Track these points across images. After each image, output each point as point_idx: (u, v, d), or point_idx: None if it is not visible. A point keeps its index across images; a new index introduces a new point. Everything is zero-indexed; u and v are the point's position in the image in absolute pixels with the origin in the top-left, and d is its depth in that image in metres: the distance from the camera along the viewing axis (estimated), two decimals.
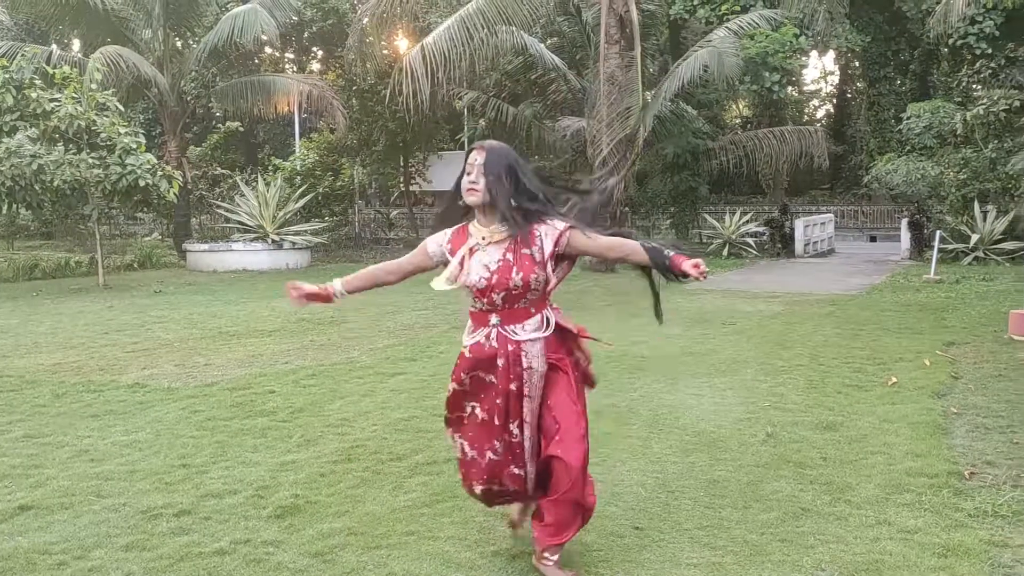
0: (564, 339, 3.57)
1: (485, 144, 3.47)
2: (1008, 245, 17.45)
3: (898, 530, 3.92)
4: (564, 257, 3.52)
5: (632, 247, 3.49)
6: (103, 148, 14.89)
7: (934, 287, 13.79)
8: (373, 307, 11.54)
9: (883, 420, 5.80)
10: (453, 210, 3.55)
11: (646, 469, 4.83)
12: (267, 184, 20.48)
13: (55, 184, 14.01)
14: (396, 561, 3.67)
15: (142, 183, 14.75)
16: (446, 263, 3.51)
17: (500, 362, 3.43)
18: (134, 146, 14.98)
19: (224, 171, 25.27)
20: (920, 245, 19.11)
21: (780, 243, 21.03)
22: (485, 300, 3.44)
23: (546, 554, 3.49)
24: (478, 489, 3.60)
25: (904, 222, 20.34)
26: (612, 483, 4.59)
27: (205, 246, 19.68)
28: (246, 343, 9.31)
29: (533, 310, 3.46)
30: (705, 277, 3.32)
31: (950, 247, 17.60)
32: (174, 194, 15.63)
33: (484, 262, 3.40)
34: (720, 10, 23.33)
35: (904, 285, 14.23)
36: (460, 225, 3.55)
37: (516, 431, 3.47)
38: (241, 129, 26.08)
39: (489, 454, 3.50)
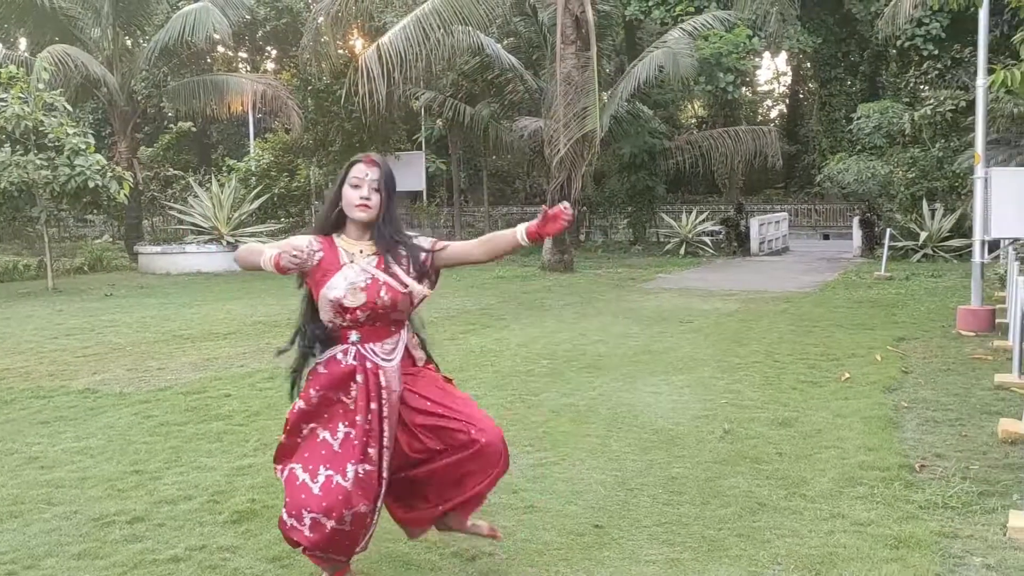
0: (414, 363, 3.41)
1: (376, 159, 3.33)
2: (955, 242, 17.86)
3: (851, 523, 3.99)
4: (425, 276, 3.37)
5: (494, 239, 3.35)
6: (51, 149, 14.60)
7: (885, 284, 14.07)
8: None
9: (836, 415, 5.89)
10: (329, 220, 3.36)
11: (605, 467, 4.86)
12: (221, 185, 20.21)
13: (1, 186, 13.71)
14: (355, 564, 3.63)
15: (92, 184, 14.48)
16: (308, 269, 3.26)
17: (359, 378, 3.25)
18: (83, 147, 14.70)
19: (177, 172, 24.87)
20: (871, 243, 19.48)
21: (736, 242, 21.29)
22: (348, 316, 3.24)
23: (470, 521, 3.49)
24: (307, 520, 3.16)
25: (856, 220, 20.72)
26: (571, 481, 4.61)
27: (158, 248, 19.37)
28: (201, 346, 9.18)
29: (393, 329, 3.32)
30: (566, 219, 3.15)
31: (900, 245, 17.96)
32: (125, 195, 15.37)
33: (351, 279, 3.24)
34: (675, 11, 23.58)
35: (856, 282, 14.49)
36: (326, 236, 3.36)
37: (375, 455, 3.23)
38: (194, 129, 25.69)
39: (328, 479, 3.18)
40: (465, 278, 16.00)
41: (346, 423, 3.26)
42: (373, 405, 3.24)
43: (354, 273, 3.24)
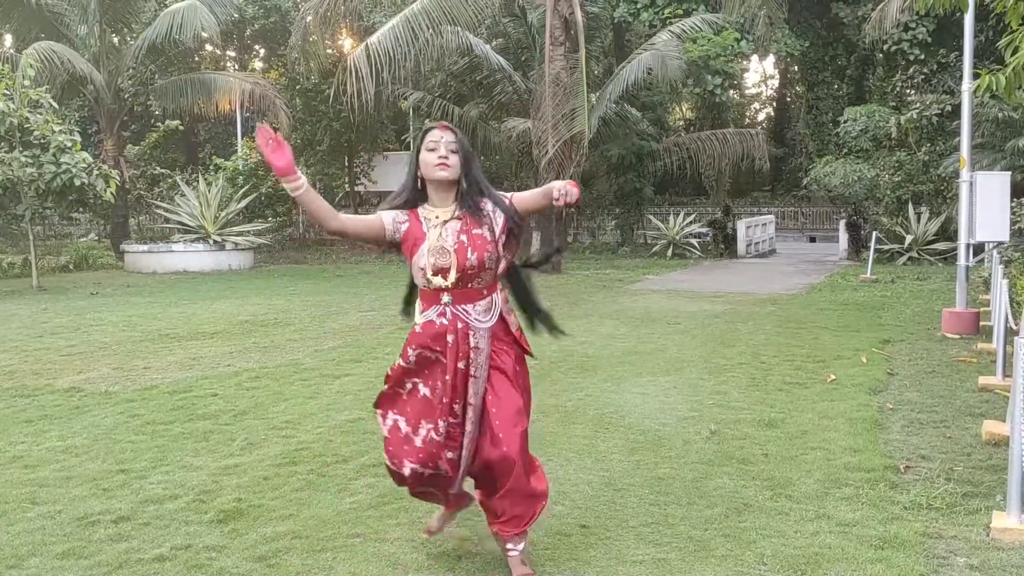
0: (508, 330, 3.55)
1: (449, 125, 3.50)
2: (940, 245, 17.98)
3: (837, 523, 4.01)
4: (511, 235, 3.51)
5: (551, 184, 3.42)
6: (37, 146, 14.50)
7: (871, 286, 14.15)
8: (318, 308, 11.42)
9: (822, 416, 5.92)
10: (412, 191, 3.50)
11: (592, 468, 4.87)
12: (208, 184, 20.12)
13: None
14: (342, 564, 3.64)
15: (77, 182, 14.40)
16: (397, 242, 3.46)
17: (450, 339, 3.40)
18: (69, 144, 14.61)
19: (164, 171, 24.74)
20: (857, 245, 19.59)
21: (723, 244, 21.36)
22: (438, 280, 3.40)
23: (509, 545, 3.49)
24: (407, 469, 3.47)
25: (842, 223, 20.83)
26: (559, 482, 4.61)
27: (144, 247, 19.27)
28: (187, 346, 9.14)
29: (486, 292, 3.47)
30: (558, 202, 3.22)
31: (886, 247, 18.07)
32: (111, 194, 15.28)
33: (439, 242, 3.39)
34: (663, 14, 23.61)
35: (842, 285, 14.56)
36: (410, 209, 3.50)
37: (459, 411, 3.43)
38: (181, 128, 25.52)
39: (428, 432, 3.43)
40: None
41: (447, 377, 3.43)
42: (461, 364, 3.41)
43: (442, 236, 3.39)
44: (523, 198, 3.51)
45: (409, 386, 3.51)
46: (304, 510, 4.25)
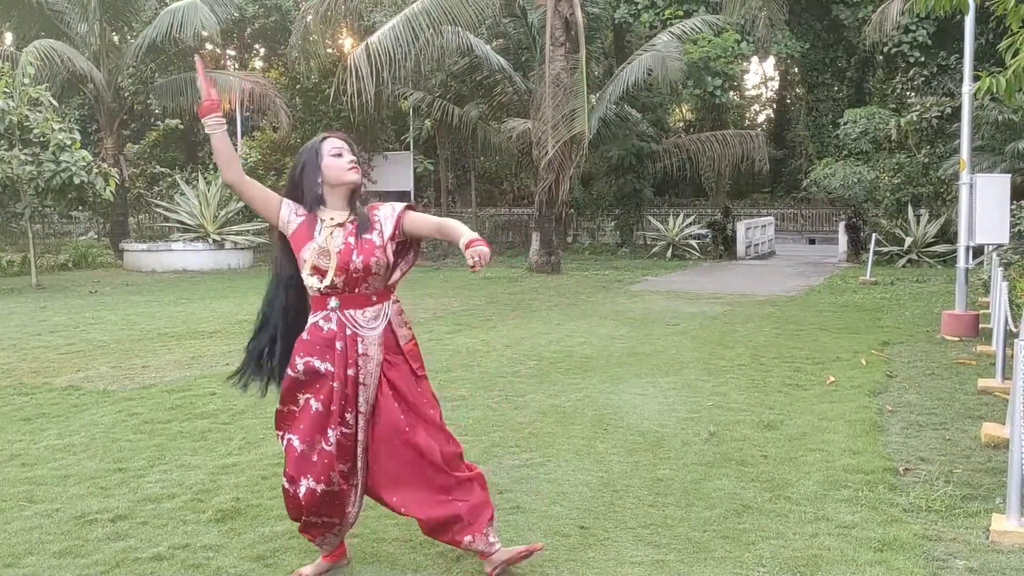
0: (397, 343, 3.47)
1: (340, 133, 3.56)
2: (940, 248, 17.98)
3: (836, 525, 4.01)
4: (404, 245, 3.51)
5: (455, 226, 3.46)
6: (36, 144, 14.49)
7: (870, 288, 14.15)
8: None
9: (821, 418, 5.92)
10: (316, 195, 3.45)
11: (591, 469, 4.86)
12: (208, 183, 20.11)
13: None
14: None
15: (77, 181, 14.39)
16: (285, 233, 3.45)
17: (339, 345, 3.35)
18: (69, 143, 14.60)
19: (163, 169, 24.70)
20: (857, 247, 19.59)
21: (722, 245, 21.37)
22: (324, 281, 3.36)
23: (479, 546, 3.44)
24: (303, 488, 3.32)
25: (841, 225, 20.84)
26: (557, 483, 4.61)
27: (143, 246, 19.26)
28: (186, 345, 9.13)
29: (375, 298, 3.42)
30: (474, 268, 3.24)
31: (885, 250, 18.07)
32: (111, 192, 15.27)
33: (325, 243, 3.37)
34: (664, 15, 23.63)
35: (841, 286, 14.56)
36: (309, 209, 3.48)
37: (352, 420, 3.36)
38: (181, 127, 25.52)
39: (322, 445, 3.33)
40: (452, 279, 15.99)
41: (334, 384, 3.36)
42: (350, 372, 3.35)
43: (327, 240, 3.37)
44: (415, 219, 3.49)
45: (301, 401, 3.41)
46: None
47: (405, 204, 3.54)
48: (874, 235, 17.03)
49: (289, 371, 3.43)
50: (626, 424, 5.80)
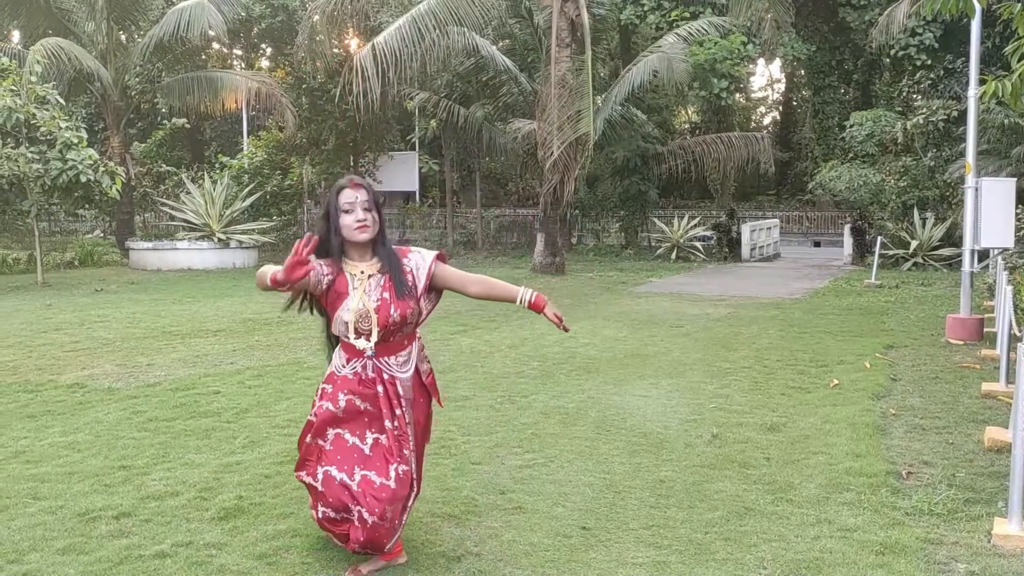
0: (420, 380, 3.62)
1: (358, 180, 3.50)
2: (945, 251, 17.92)
3: (838, 528, 4.01)
4: (432, 289, 3.61)
5: (494, 284, 3.64)
6: (43, 143, 14.53)
7: (875, 292, 14.12)
8: None
9: (825, 421, 5.91)
10: (334, 246, 3.47)
11: (593, 470, 4.86)
12: (214, 182, 20.16)
13: None
14: (341, 563, 3.64)
15: (83, 179, 14.43)
16: (317, 294, 3.49)
17: (380, 389, 3.46)
18: (75, 141, 14.63)
19: (169, 168, 24.80)
20: (862, 250, 19.55)
21: (727, 247, 21.34)
22: (363, 336, 3.44)
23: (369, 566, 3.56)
24: (354, 514, 3.42)
25: (847, 228, 20.79)
26: (559, 483, 4.61)
27: (149, 244, 19.30)
28: (191, 343, 9.15)
29: (406, 342, 3.55)
30: (564, 328, 3.66)
31: (890, 253, 18.03)
32: (117, 191, 15.31)
33: (362, 302, 3.42)
34: (670, 16, 23.60)
35: (846, 289, 14.54)
36: (329, 258, 3.49)
37: (409, 457, 3.49)
38: (187, 126, 25.59)
39: (374, 477, 3.41)
40: None
41: (373, 430, 3.46)
42: (398, 411, 3.47)
43: (366, 295, 3.42)
44: (447, 275, 3.59)
45: (332, 435, 3.50)
46: (304, 509, 4.24)
47: (435, 254, 3.59)
48: (879, 238, 16.99)
49: (329, 404, 3.49)
50: (629, 425, 5.80)
